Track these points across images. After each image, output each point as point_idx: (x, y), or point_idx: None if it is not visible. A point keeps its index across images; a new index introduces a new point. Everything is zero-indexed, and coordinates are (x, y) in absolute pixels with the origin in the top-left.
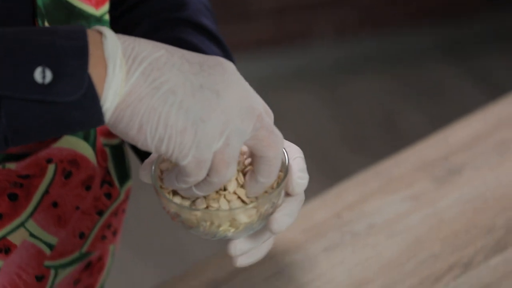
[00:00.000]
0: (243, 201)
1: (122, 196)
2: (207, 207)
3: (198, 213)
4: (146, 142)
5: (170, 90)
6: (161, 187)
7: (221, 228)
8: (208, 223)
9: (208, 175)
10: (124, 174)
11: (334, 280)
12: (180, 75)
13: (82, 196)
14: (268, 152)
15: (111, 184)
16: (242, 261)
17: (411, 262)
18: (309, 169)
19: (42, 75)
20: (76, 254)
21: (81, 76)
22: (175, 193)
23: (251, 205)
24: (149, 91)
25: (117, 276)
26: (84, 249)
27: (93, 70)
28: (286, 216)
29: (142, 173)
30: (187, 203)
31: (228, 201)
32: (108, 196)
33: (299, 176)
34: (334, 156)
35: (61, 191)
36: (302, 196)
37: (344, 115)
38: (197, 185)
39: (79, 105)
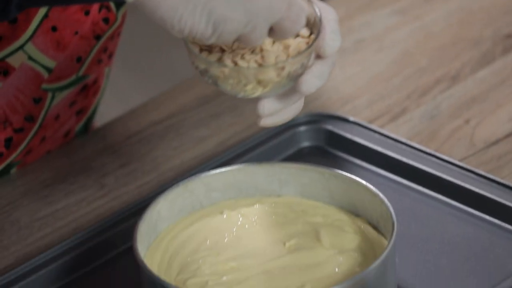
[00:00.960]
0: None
1: (118, 21)
2: (235, 65)
3: (226, 70)
4: (167, 29)
5: None
6: (191, 42)
7: (248, 86)
8: (235, 80)
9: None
10: None
11: (322, 97)
12: None
13: (81, 21)
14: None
15: (108, 9)
16: (266, 121)
17: (398, 76)
18: None
19: None
20: (72, 78)
21: None
22: (204, 49)
23: (279, 64)
24: None
25: (111, 95)
26: (81, 72)
27: None
28: (316, 78)
29: None
30: (215, 59)
31: (256, 60)
32: (106, 20)
33: (331, 38)
34: None
35: (60, 16)
36: (333, 59)
37: None
38: None
39: None
